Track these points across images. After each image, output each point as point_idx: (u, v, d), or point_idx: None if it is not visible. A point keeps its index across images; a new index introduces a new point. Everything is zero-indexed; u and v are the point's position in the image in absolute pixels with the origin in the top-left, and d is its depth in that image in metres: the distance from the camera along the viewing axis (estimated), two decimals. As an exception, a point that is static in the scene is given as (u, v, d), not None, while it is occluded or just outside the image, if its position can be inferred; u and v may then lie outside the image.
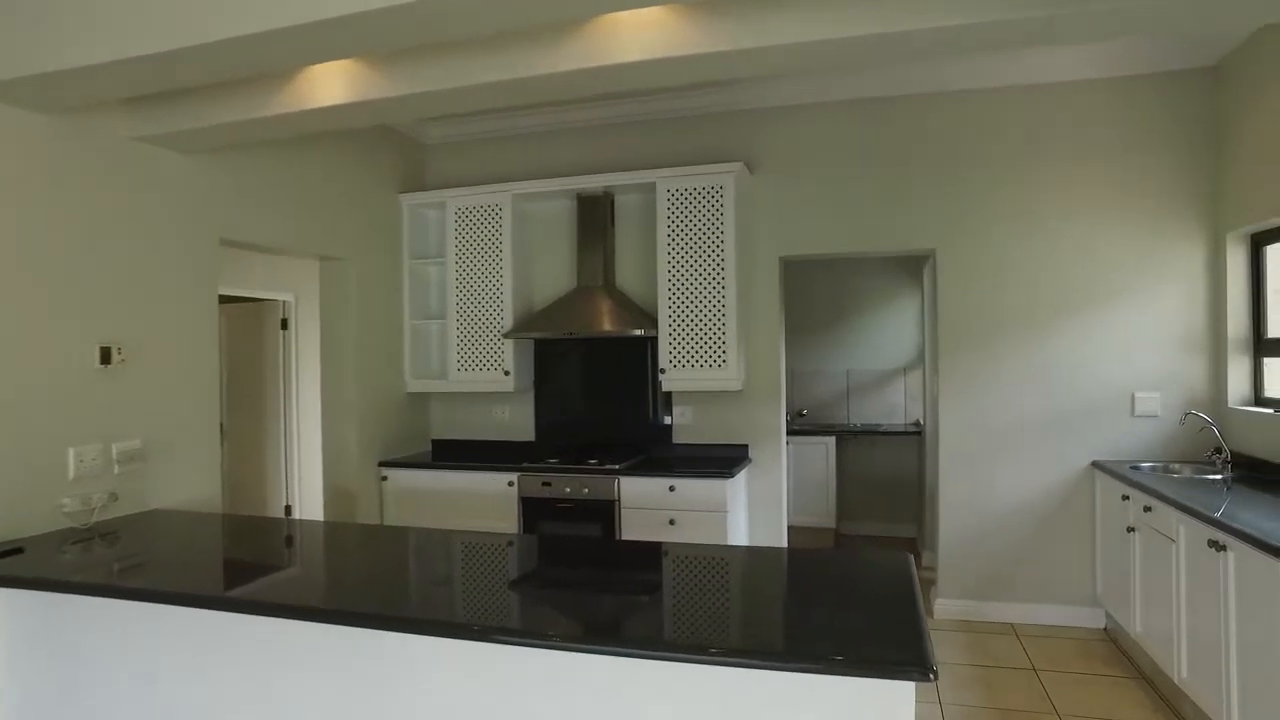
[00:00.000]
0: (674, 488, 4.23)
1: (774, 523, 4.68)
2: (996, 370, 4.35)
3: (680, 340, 4.45)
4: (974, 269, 4.37)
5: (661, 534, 4.24)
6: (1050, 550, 4.30)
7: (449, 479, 4.61)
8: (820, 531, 5.98)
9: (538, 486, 4.45)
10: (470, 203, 4.83)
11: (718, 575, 2.43)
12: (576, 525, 4.40)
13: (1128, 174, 4.18)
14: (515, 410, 5.10)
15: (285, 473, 6.21)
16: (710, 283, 4.40)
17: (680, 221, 4.45)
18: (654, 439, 4.85)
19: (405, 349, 5.01)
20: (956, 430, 4.40)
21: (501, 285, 4.77)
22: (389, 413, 4.87)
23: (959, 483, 4.40)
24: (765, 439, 4.67)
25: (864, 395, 6.44)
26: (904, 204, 4.45)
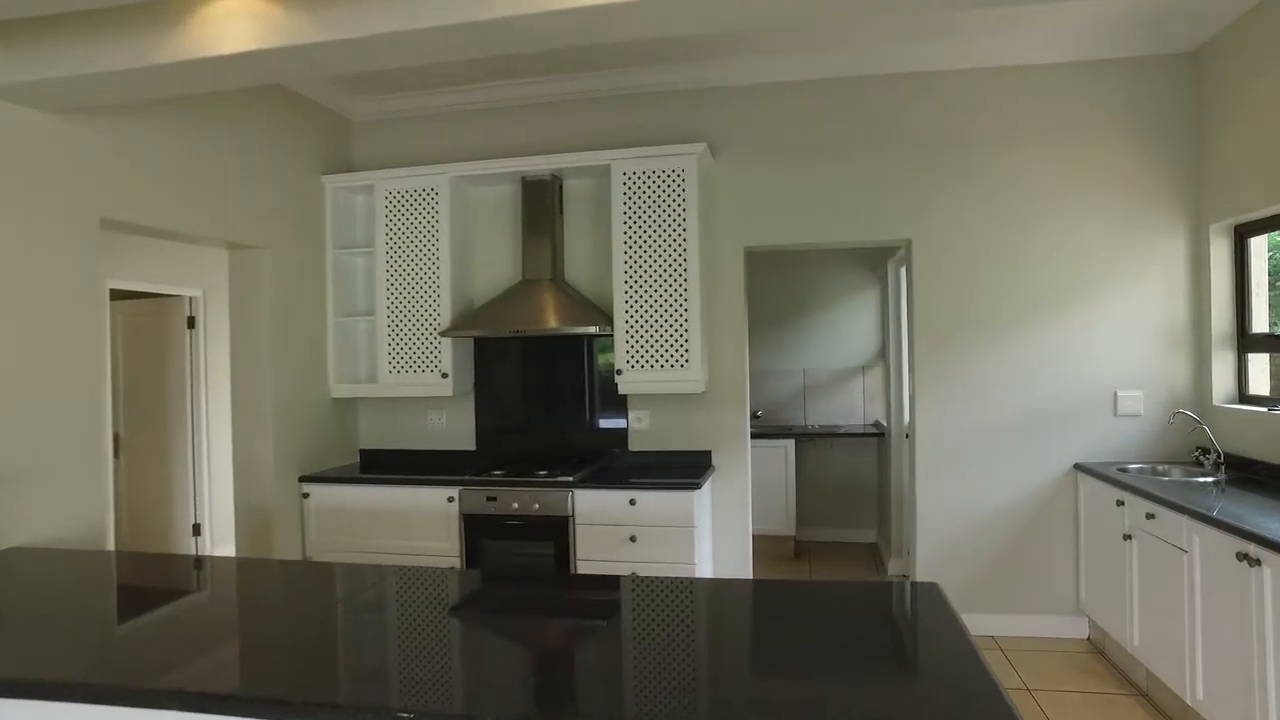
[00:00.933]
0: (635, 501, 3.80)
1: (739, 535, 4.29)
2: (975, 368, 4.06)
3: (639, 339, 4.02)
4: (951, 261, 4.07)
5: (621, 552, 3.80)
6: (1032, 557, 4.03)
7: (380, 495, 4.07)
8: (779, 540, 5.64)
9: (481, 502, 3.95)
10: (402, 185, 4.30)
11: (719, 631, 1.96)
12: (526, 544, 3.92)
13: (1106, 162, 3.95)
14: (454, 416, 4.59)
15: (194, 489, 5.54)
16: (671, 276, 3.99)
17: (638, 208, 4.02)
18: (608, 446, 4.41)
19: (329, 350, 4.44)
20: (934, 431, 4.10)
21: (438, 278, 4.26)
22: (311, 421, 4.29)
23: (937, 487, 4.10)
24: (729, 444, 4.28)
25: (821, 395, 6.13)
26: (878, 192, 4.13)
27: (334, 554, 4.11)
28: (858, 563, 5.51)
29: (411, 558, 4.02)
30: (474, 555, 3.97)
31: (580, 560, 3.85)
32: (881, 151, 4.12)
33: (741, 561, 4.29)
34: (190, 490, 5.48)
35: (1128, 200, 3.93)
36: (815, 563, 5.54)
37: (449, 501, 3.99)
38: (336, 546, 4.11)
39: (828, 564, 5.49)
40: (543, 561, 3.89)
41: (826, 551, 5.82)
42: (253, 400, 4.00)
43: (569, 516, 3.86)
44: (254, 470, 4.00)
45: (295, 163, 4.21)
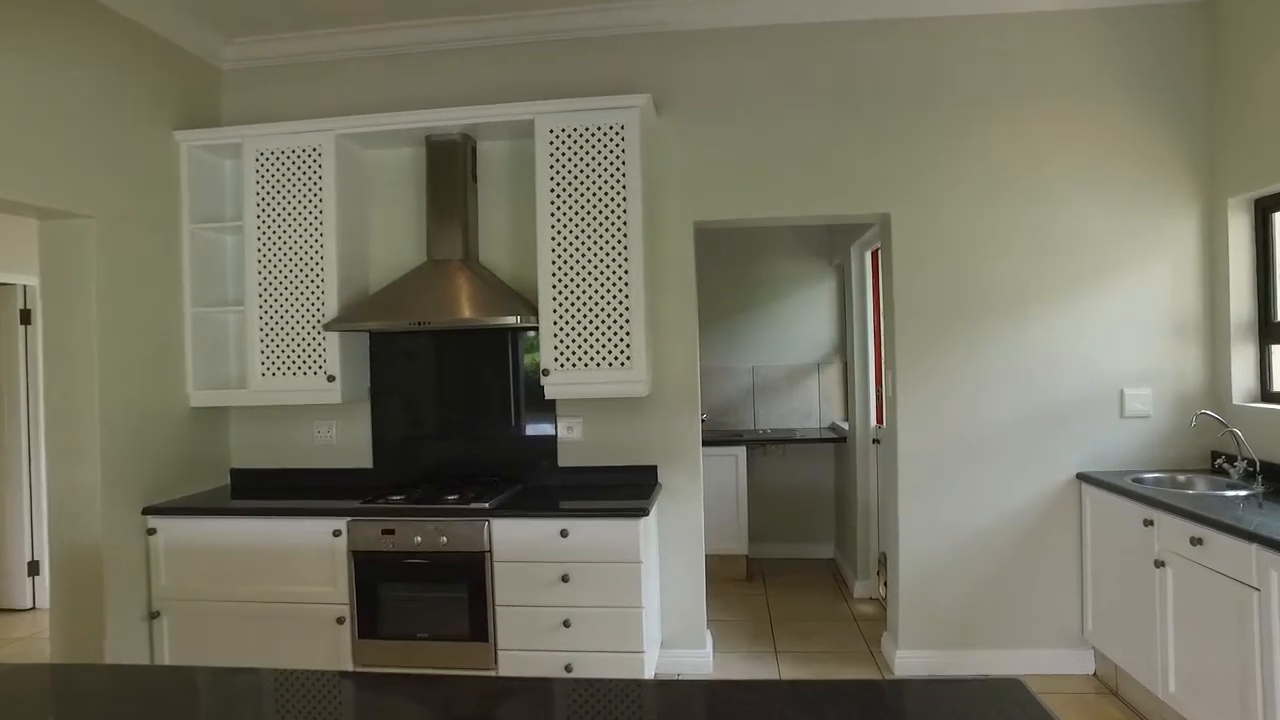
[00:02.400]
0: (567, 532, 3.03)
1: (691, 567, 3.57)
2: (963, 364, 3.44)
3: (570, 332, 3.26)
4: (935, 239, 3.44)
5: (551, 595, 3.03)
6: (1028, 581, 3.42)
7: (247, 529, 3.20)
8: (730, 560, 4.95)
9: (375, 536, 3.13)
10: (278, 145, 3.43)
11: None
12: (432, 588, 3.11)
13: (1111, 126, 3.37)
14: (346, 428, 3.73)
15: (30, 520, 4.52)
16: (609, 255, 3.24)
17: (568, 173, 3.26)
18: (534, 462, 3.63)
19: (187, 348, 3.53)
20: (916, 438, 3.46)
21: (321, 259, 3.40)
22: (161, 437, 3.38)
23: (919, 502, 3.46)
24: (678, 458, 3.56)
25: (773, 396, 5.47)
26: (853, 158, 3.46)
27: (189, 605, 3.22)
28: (818, 584, 4.86)
29: (288, 608, 3.17)
30: (368, 603, 3.13)
31: (500, 606, 3.06)
32: (857, 112, 3.46)
33: (693, 600, 3.57)
34: (25, 520, 4.46)
35: (1135, 169, 3.37)
36: (772, 584, 4.87)
37: (334, 536, 3.15)
38: (192, 595, 3.22)
39: (784, 586, 4.83)
40: (453, 609, 3.09)
41: (781, 570, 5.16)
42: (72, 412, 3.07)
43: (485, 552, 3.07)
44: (76, 500, 3.07)
45: (141, 115, 3.29)
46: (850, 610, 4.32)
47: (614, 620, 3.01)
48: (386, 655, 3.13)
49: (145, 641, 3.24)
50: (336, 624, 3.14)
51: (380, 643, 3.13)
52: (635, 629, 3.01)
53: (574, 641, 3.03)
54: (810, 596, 4.60)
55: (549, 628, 3.04)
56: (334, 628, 3.15)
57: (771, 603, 4.51)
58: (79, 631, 3.06)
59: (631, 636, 3.01)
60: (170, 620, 3.24)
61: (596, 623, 3.02)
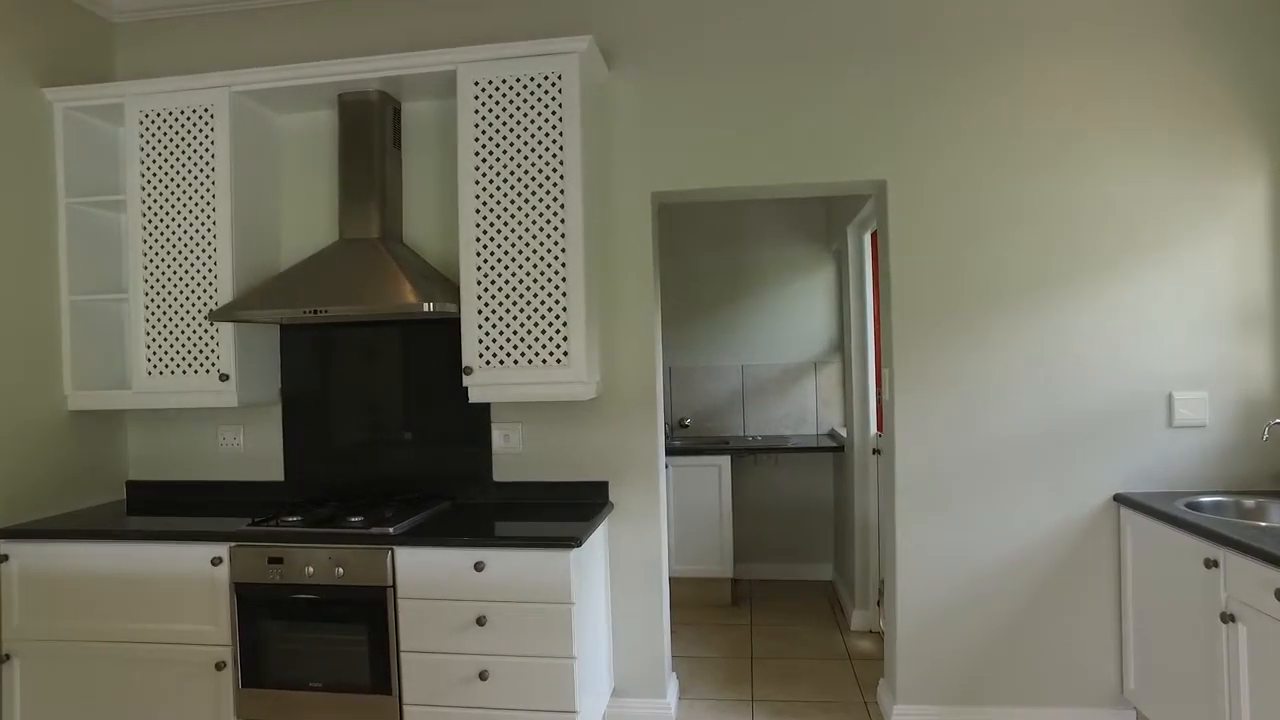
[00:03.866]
0: (483, 565, 2.46)
1: (648, 599, 2.98)
2: (973, 363, 2.82)
3: (497, 324, 2.69)
4: (941, 210, 2.82)
5: (465, 641, 2.46)
6: (1054, 626, 2.79)
7: (118, 555, 2.67)
8: (712, 584, 4.35)
9: (262, 565, 2.57)
10: (165, 104, 2.89)
11: None
12: (326, 630, 2.55)
13: (1157, 68, 2.74)
14: (255, 434, 3.19)
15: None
16: (542, 232, 2.66)
17: (496, 134, 2.69)
18: (467, 476, 3.07)
19: (64, 342, 3.01)
20: (916, 451, 2.84)
21: (213, 238, 2.87)
22: (29, 445, 2.86)
23: (922, 527, 2.84)
24: (634, 472, 2.97)
25: (764, 398, 4.86)
26: (842, 115, 2.86)
27: (46, 646, 2.69)
28: (812, 611, 4.24)
29: (163, 649, 2.64)
30: (252, 646, 2.58)
31: (405, 652, 2.50)
32: (847, 60, 2.86)
33: (652, 639, 2.97)
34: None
35: (1187, 121, 2.73)
36: (759, 611, 4.26)
37: (214, 565, 2.60)
38: (52, 634, 2.69)
39: (775, 613, 4.22)
40: (351, 655, 2.53)
41: (772, 594, 4.55)
42: (-96, 417, 2.56)
43: (388, 587, 2.51)
44: (-94, 524, 2.56)
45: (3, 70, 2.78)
46: (845, 646, 3.70)
47: (541, 673, 2.43)
48: (274, 709, 2.58)
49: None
50: (216, 670, 2.60)
51: (267, 693, 2.58)
52: (566, 684, 2.43)
53: (493, 697, 2.45)
54: (801, 627, 3.98)
55: (463, 680, 2.47)
56: (214, 675, 2.60)
57: (756, 634, 3.90)
58: (-88, 677, 2.55)
59: (562, 693, 2.43)
60: (23, 664, 2.70)
61: (520, 676, 2.44)
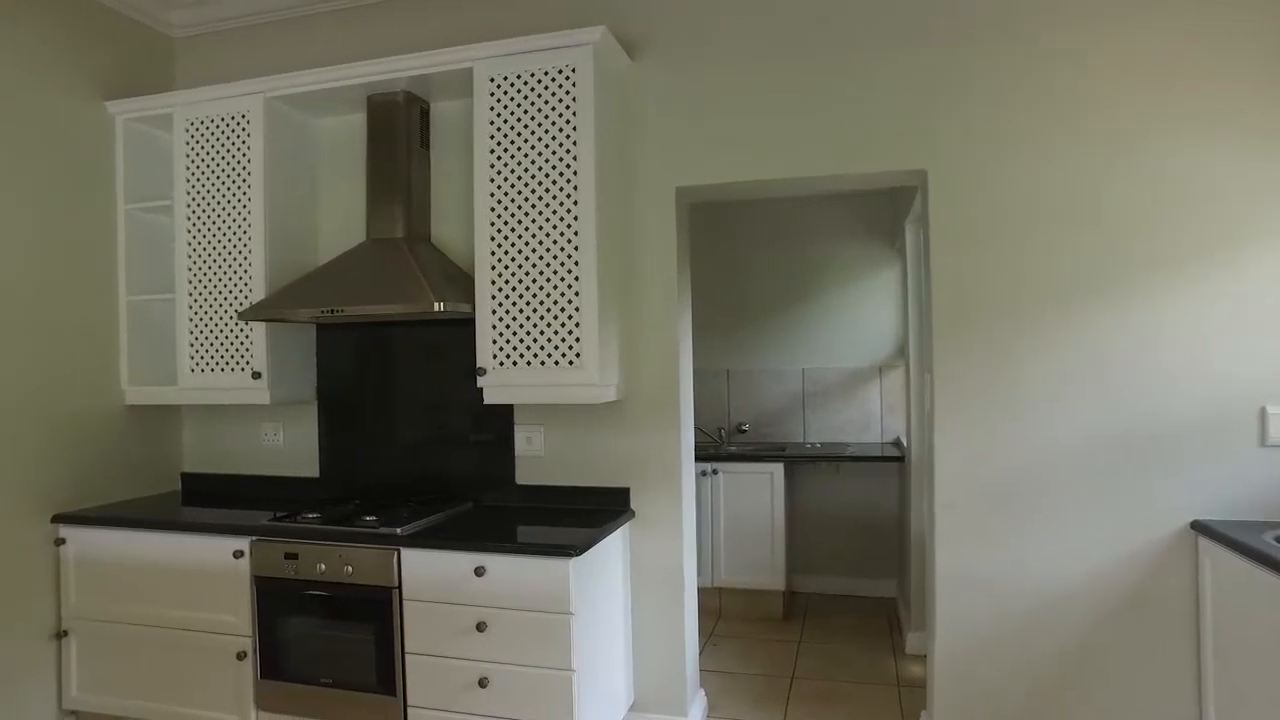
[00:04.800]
0: (483, 570, 2.40)
1: (669, 611, 2.84)
2: (1024, 369, 2.53)
3: (511, 323, 2.63)
4: (987, 203, 2.55)
5: (466, 646, 2.41)
6: (1120, 669, 2.47)
7: (153, 544, 2.78)
8: (763, 596, 4.15)
9: (279, 560, 2.62)
10: (207, 112, 3.00)
11: None
12: (336, 627, 2.56)
13: (1241, 19, 2.38)
14: (294, 432, 3.27)
15: None
16: (555, 230, 2.58)
17: (511, 131, 2.64)
18: (489, 478, 3.02)
19: (122, 340, 3.17)
20: (959, 466, 2.58)
21: (248, 239, 2.95)
22: (88, 438, 3.03)
23: (964, 550, 2.58)
24: (657, 478, 2.84)
25: (826, 404, 4.62)
26: (878, 99, 2.63)
27: (100, 627, 2.83)
28: (868, 630, 3.98)
29: (191, 636, 2.73)
30: (270, 638, 2.63)
31: (410, 654, 2.47)
32: (884, 38, 2.63)
33: (673, 652, 2.84)
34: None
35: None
36: (811, 627, 4.03)
37: (235, 558, 2.66)
38: (104, 615, 2.83)
39: (827, 629, 3.99)
40: (359, 654, 2.53)
41: (829, 609, 4.31)
42: (-31, 409, 2.75)
43: (393, 588, 2.49)
44: (-29, 508, 2.75)
45: (55, 86, 2.95)
46: (895, 670, 3.44)
47: (540, 684, 2.35)
48: (290, 701, 2.62)
49: (53, 662, 2.88)
50: (237, 660, 2.66)
51: (283, 685, 2.62)
52: (564, 697, 2.34)
53: (491, 705, 2.39)
54: (852, 647, 3.74)
55: (463, 686, 2.42)
56: (235, 664, 2.67)
57: (803, 652, 3.69)
58: (-25, 649, 2.73)
59: (560, 706, 2.34)
60: (79, 641, 2.87)
61: (518, 685, 2.37)
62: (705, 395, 4.78)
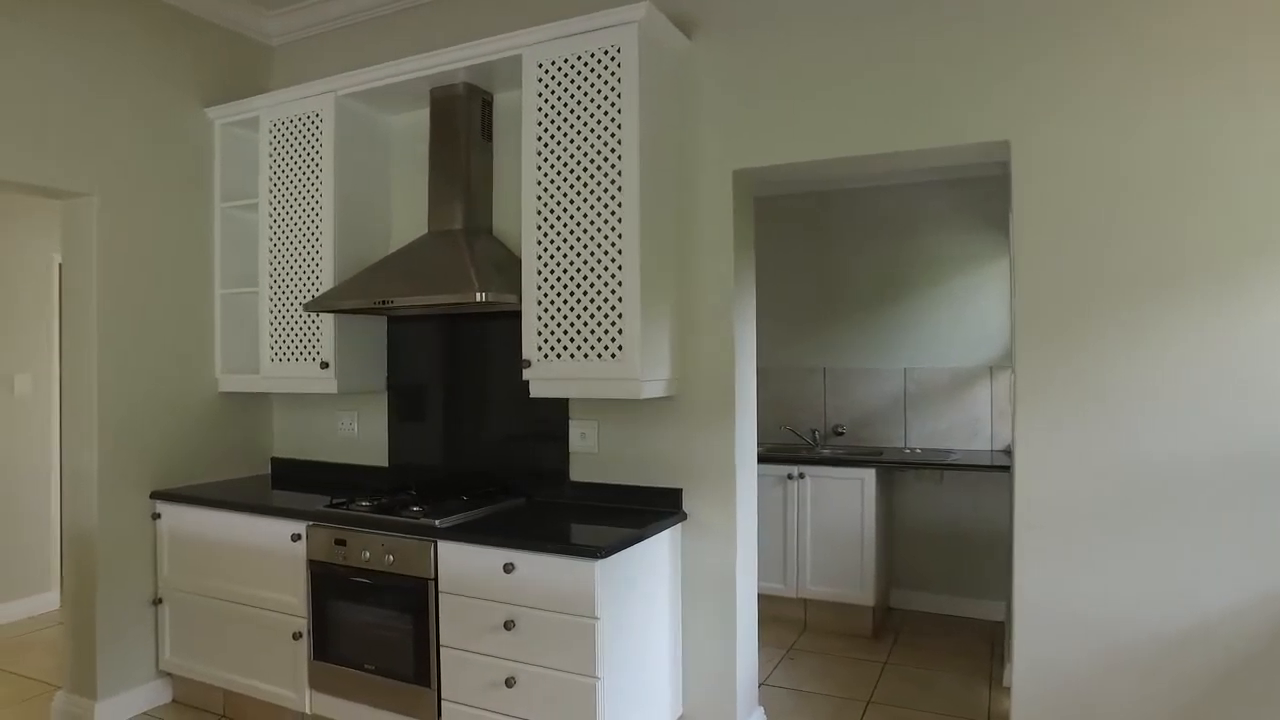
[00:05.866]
0: (513, 566, 2.33)
1: (721, 619, 2.66)
2: (1126, 372, 2.16)
3: (554, 314, 2.54)
4: (1079, 175, 2.20)
5: (495, 644, 2.35)
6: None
7: (227, 523, 2.92)
8: (851, 610, 3.85)
9: (330, 546, 2.67)
10: (285, 113, 3.12)
11: None
12: (377, 613, 2.58)
13: None
14: (367, 421, 3.35)
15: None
16: (599, 218, 2.47)
17: (559, 116, 2.55)
18: (545, 474, 2.96)
19: (216, 331, 3.37)
20: (1047, 475, 2.24)
21: (319, 233, 3.04)
22: (188, 422, 3.24)
23: (1050, 576, 2.24)
24: (708, 481, 2.67)
25: (930, 407, 4.23)
26: (951, 62, 2.34)
27: (186, 597, 3.02)
28: (967, 654, 3.60)
29: (256, 613, 2.85)
30: (323, 621, 2.69)
31: (445, 647, 2.45)
32: None
33: (724, 662, 2.65)
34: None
35: None
36: (903, 647, 3.70)
37: (293, 541, 2.75)
38: (189, 587, 3.02)
39: (920, 651, 3.64)
40: (398, 643, 2.53)
41: (926, 630, 3.94)
42: (80, 392, 3.00)
43: (430, 580, 2.47)
44: (79, 483, 2.99)
45: (160, 93, 3.15)
46: (989, 703, 3.08)
47: (565, 688, 2.26)
48: (339, 683, 2.66)
49: (151, 628, 3.10)
50: (293, 640, 2.74)
51: (332, 667, 2.67)
52: (588, 704, 2.22)
53: (517, 705, 2.32)
54: (944, 672, 3.39)
55: (491, 683, 2.36)
56: (291, 643, 2.75)
57: (887, 674, 3.38)
58: (84, 614, 2.98)
59: (584, 713, 2.23)
60: (171, 608, 3.07)
61: (543, 688, 2.28)
62: (798, 395, 4.52)
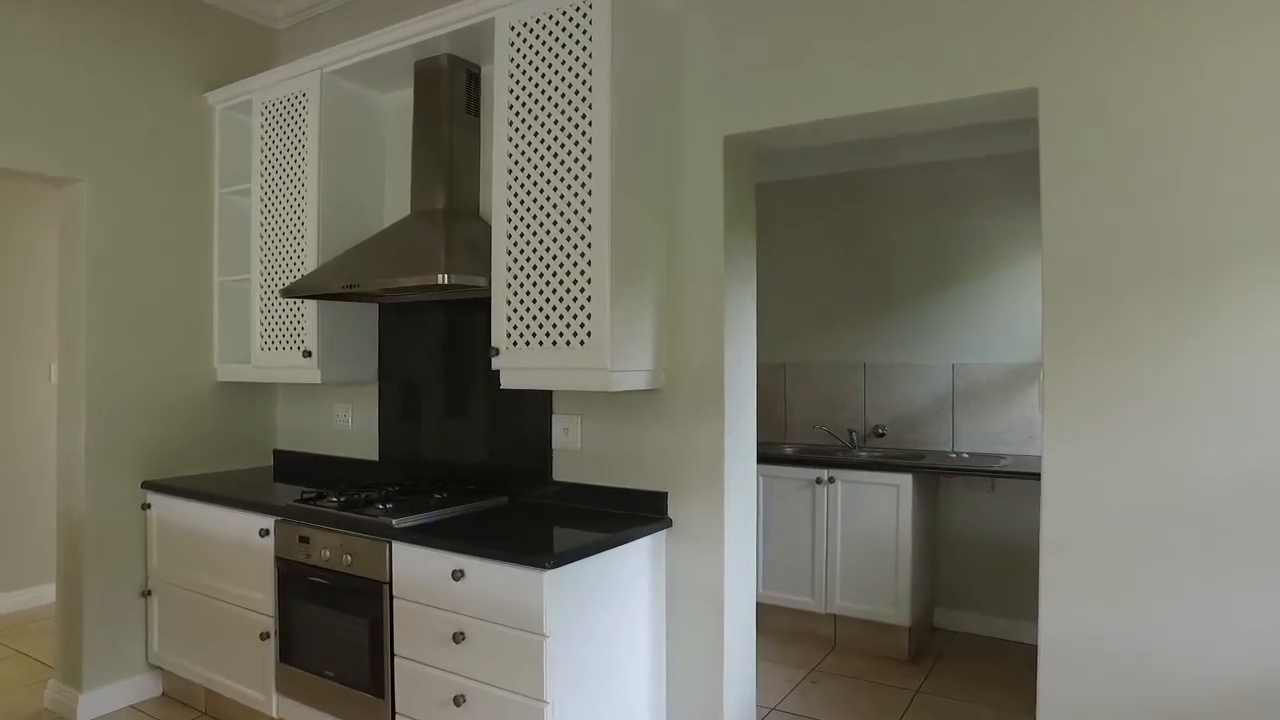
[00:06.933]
0: (462, 573, 2.11)
1: (707, 644, 2.37)
2: (1181, 364, 1.76)
3: (524, 298, 2.32)
4: (1118, 130, 1.81)
5: (445, 657, 2.15)
6: (1323, 810, 1.64)
7: (210, 516, 2.82)
8: (883, 631, 3.48)
9: (295, 543, 2.53)
10: (275, 94, 3.01)
11: None
12: (335, 617, 2.42)
13: None
14: (360, 413, 3.21)
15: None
16: (569, 191, 2.23)
17: (531, 83, 2.32)
18: (528, 472, 2.73)
19: (215, 320, 3.30)
20: (1080, 490, 1.86)
21: (303, 218, 2.91)
22: (186, 411, 3.18)
23: (1084, 604, 1.86)
24: (695, 483, 2.38)
25: (981, 406, 3.80)
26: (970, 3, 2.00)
27: (172, 590, 2.95)
28: (1013, 684, 3.18)
29: (230, 609, 2.74)
30: (287, 621, 2.55)
31: (398, 657, 2.26)
32: (974, -80, 1.97)
33: (710, 696, 2.36)
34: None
35: None
36: (942, 674, 3.30)
37: (261, 536, 2.62)
38: (177, 580, 2.94)
39: (960, 678, 3.24)
40: (355, 649, 2.36)
41: (971, 653, 3.52)
42: (70, 379, 2.96)
43: (385, 583, 2.29)
44: (70, 470, 2.96)
45: (163, 77, 3.10)
46: (1030, 748, 2.68)
47: (511, 712, 2.02)
48: (302, 689, 2.52)
49: (142, 619, 3.04)
50: (260, 640, 2.61)
51: (296, 671, 2.53)
52: (538, 732, 1.99)
53: (467, 728, 2.11)
54: (983, 705, 2.99)
55: (440, 701, 2.15)
56: (259, 643, 2.62)
57: (917, 704, 3.01)
58: (73, 603, 2.94)
59: (532, 741, 1.99)
60: (160, 601, 3.00)
61: (492, 709, 2.06)
62: (836, 393, 4.16)
